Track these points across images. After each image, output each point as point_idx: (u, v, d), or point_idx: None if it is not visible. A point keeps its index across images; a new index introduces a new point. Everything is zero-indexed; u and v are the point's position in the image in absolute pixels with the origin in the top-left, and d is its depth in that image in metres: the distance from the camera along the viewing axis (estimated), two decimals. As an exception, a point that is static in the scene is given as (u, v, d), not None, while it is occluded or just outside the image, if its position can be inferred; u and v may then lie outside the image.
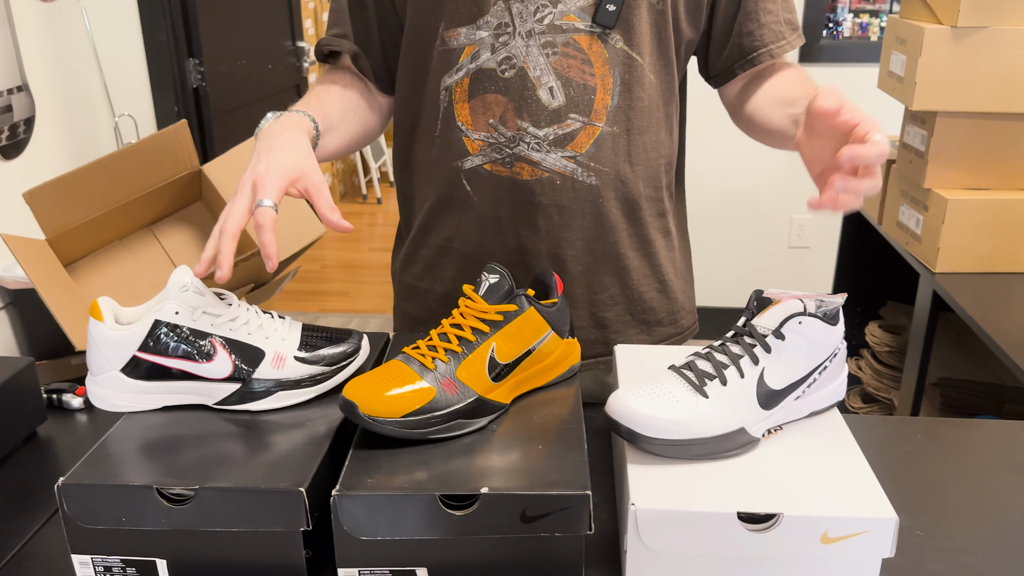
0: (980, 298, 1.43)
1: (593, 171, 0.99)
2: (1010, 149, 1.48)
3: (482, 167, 1.00)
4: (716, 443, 0.75)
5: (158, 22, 2.85)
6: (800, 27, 1.05)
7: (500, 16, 0.95)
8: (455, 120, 0.99)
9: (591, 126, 0.97)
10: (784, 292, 0.81)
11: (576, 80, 0.96)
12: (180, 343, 0.83)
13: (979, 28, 1.41)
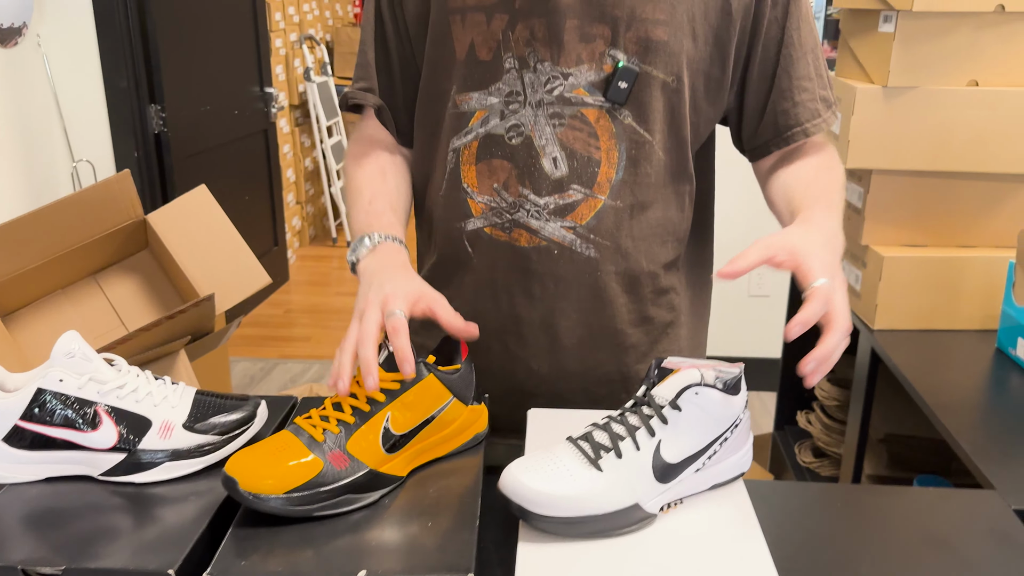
0: (917, 357, 1.42)
1: (592, 243, 0.97)
2: (945, 206, 1.49)
3: (483, 230, 0.99)
4: (610, 520, 0.73)
5: (119, 68, 2.85)
6: (835, 103, 1.03)
7: (512, 84, 0.94)
8: (461, 181, 0.99)
9: (593, 198, 0.96)
10: (684, 361, 0.80)
11: (580, 152, 0.95)
12: (64, 411, 0.80)
13: (910, 88, 1.42)
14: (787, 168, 1.01)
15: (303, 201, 4.68)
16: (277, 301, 4.04)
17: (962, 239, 1.52)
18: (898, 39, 1.39)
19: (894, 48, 1.39)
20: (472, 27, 0.94)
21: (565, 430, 0.85)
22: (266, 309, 3.91)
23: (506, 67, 0.94)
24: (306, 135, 4.72)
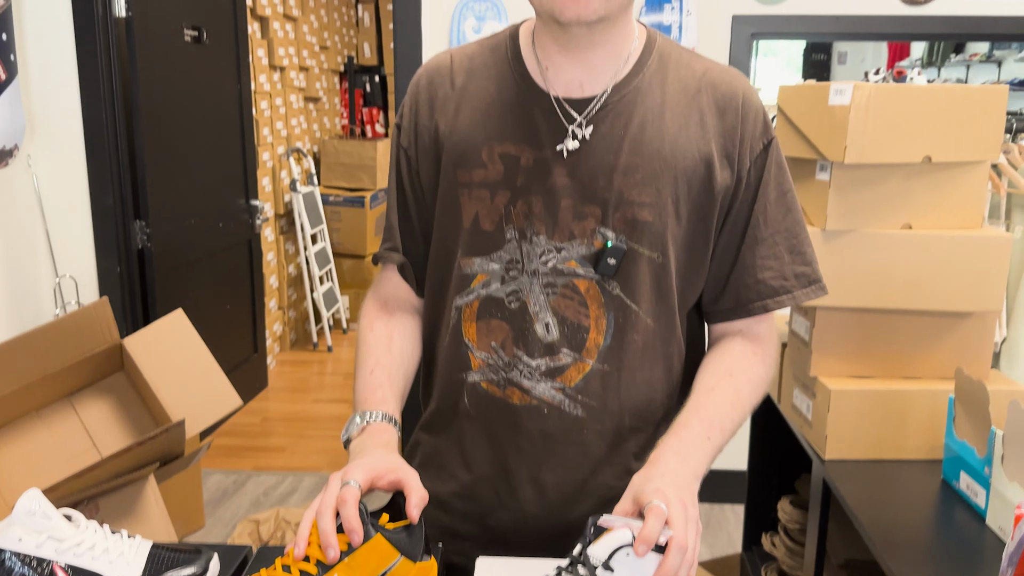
0: (866, 487, 1.46)
1: (580, 404, 1.03)
2: (887, 341, 1.56)
3: (480, 384, 1.05)
4: None
5: (106, 186, 2.95)
6: (817, 280, 1.06)
7: (512, 253, 1.01)
8: (462, 336, 1.05)
9: (582, 362, 1.02)
10: (618, 520, 0.84)
11: (571, 319, 1.01)
12: (22, 569, 0.83)
13: (847, 231, 1.51)
14: (711, 357, 1.06)
15: (285, 307, 4.74)
16: (254, 409, 4.04)
17: (906, 371, 1.58)
18: (833, 187, 1.49)
19: (830, 195, 1.49)
20: (478, 201, 1.02)
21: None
22: (242, 418, 3.91)
23: (507, 237, 1.01)
24: (290, 242, 4.82)
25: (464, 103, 1.04)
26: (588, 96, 1.00)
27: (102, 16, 2.87)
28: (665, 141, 0.99)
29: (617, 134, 0.99)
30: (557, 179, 0.99)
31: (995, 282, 1.49)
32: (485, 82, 1.04)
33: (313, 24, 5.15)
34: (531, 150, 1.00)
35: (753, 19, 2.73)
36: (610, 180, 0.98)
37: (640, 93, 1.00)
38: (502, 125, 1.01)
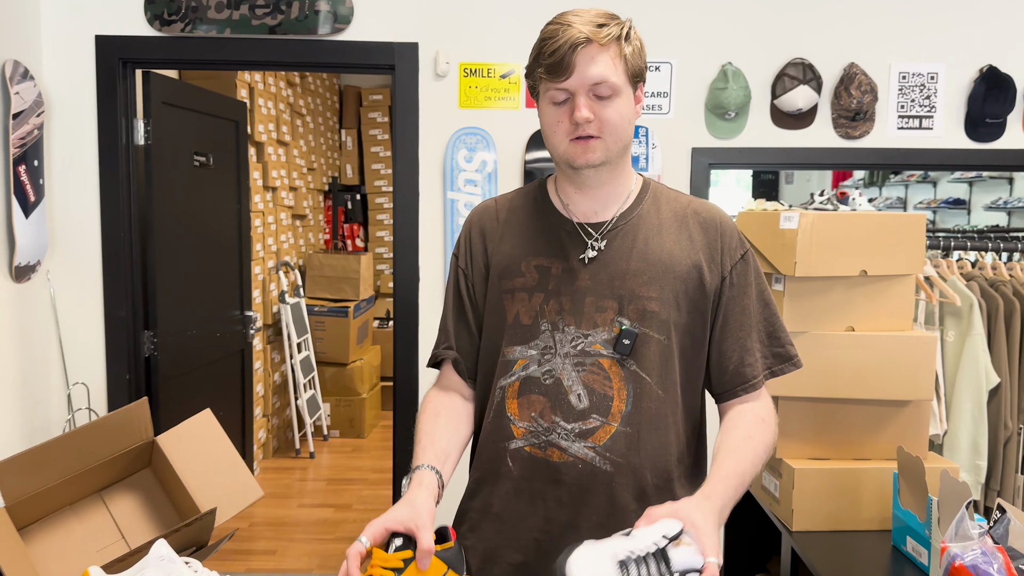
0: (829, 555, 1.69)
1: (608, 460, 1.27)
2: (839, 426, 1.82)
3: (523, 448, 1.29)
4: None
5: (120, 299, 3.16)
6: (794, 355, 1.34)
7: (546, 341, 1.29)
8: (506, 412, 1.30)
9: (608, 425, 1.27)
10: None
11: (598, 390, 1.27)
12: (155, 606, 1.03)
13: (800, 332, 1.80)
14: (730, 425, 1.31)
15: (269, 414, 4.88)
16: (241, 514, 4.12)
17: (857, 453, 1.84)
18: (787, 296, 1.79)
19: (784, 302, 1.79)
20: (519, 302, 1.30)
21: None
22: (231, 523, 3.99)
23: (542, 329, 1.29)
24: (277, 351, 5.01)
25: (507, 232, 1.33)
26: (601, 221, 1.30)
27: (124, 144, 3.16)
28: (664, 252, 1.28)
29: (627, 246, 1.28)
30: (581, 282, 1.27)
31: (925, 375, 1.78)
32: (521, 216, 1.34)
33: (302, 148, 5.52)
34: (560, 262, 1.28)
35: (710, 151, 3.11)
36: (624, 280, 1.26)
37: (641, 218, 1.30)
38: (536, 244, 1.30)
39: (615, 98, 1.23)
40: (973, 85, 3.09)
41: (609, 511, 1.28)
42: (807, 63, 3.05)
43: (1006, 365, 2.70)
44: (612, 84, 1.22)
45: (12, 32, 2.90)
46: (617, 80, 1.22)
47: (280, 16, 3.04)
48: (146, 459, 2.25)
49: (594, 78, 1.21)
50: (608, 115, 1.22)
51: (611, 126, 1.23)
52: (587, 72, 1.21)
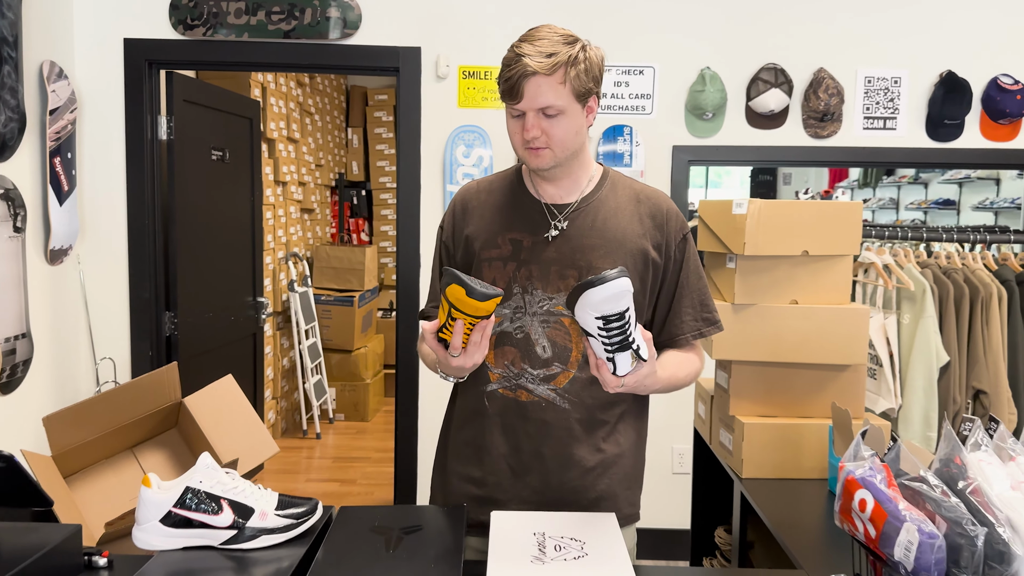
0: (772, 499, 1.94)
1: (567, 400, 1.54)
2: (785, 388, 2.07)
3: (497, 391, 1.56)
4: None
5: (144, 282, 3.42)
6: (718, 320, 1.62)
7: (518, 302, 1.55)
8: (484, 361, 1.55)
9: (567, 371, 1.54)
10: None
11: (560, 343, 1.54)
12: (200, 502, 1.28)
13: (749, 305, 2.05)
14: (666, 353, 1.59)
15: (278, 396, 5.15)
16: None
17: (801, 412, 2.09)
18: (738, 272, 2.04)
19: (736, 278, 2.04)
20: (494, 269, 1.56)
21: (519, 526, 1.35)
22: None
23: (514, 292, 1.55)
24: (286, 337, 5.27)
25: (487, 210, 1.59)
26: (566, 203, 1.55)
27: (150, 139, 3.43)
28: (618, 230, 1.54)
29: (587, 224, 1.54)
30: (548, 254, 1.53)
31: (859, 343, 2.03)
32: (499, 196, 1.60)
33: (311, 145, 5.78)
34: (530, 236, 1.54)
35: (689, 148, 3.37)
36: (583, 253, 1.52)
37: (600, 201, 1.56)
38: (511, 221, 1.56)
39: (560, 116, 1.47)
40: (933, 89, 3.33)
41: (566, 441, 1.54)
42: (779, 68, 3.30)
43: (955, 345, 2.94)
44: (557, 107, 1.45)
45: (48, 35, 3.17)
46: (561, 103, 1.46)
47: (294, 22, 3.30)
48: (173, 420, 2.52)
49: (540, 104, 1.45)
50: (554, 131, 1.47)
51: (557, 139, 1.48)
52: (535, 99, 1.45)
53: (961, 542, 1.23)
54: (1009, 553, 1.22)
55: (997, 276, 2.99)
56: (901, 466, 1.42)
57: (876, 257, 3.03)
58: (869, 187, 9.45)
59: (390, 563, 1.21)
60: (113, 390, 2.30)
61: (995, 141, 3.35)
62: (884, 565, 1.30)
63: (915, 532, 1.23)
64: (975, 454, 1.39)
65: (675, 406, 3.39)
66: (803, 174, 9.80)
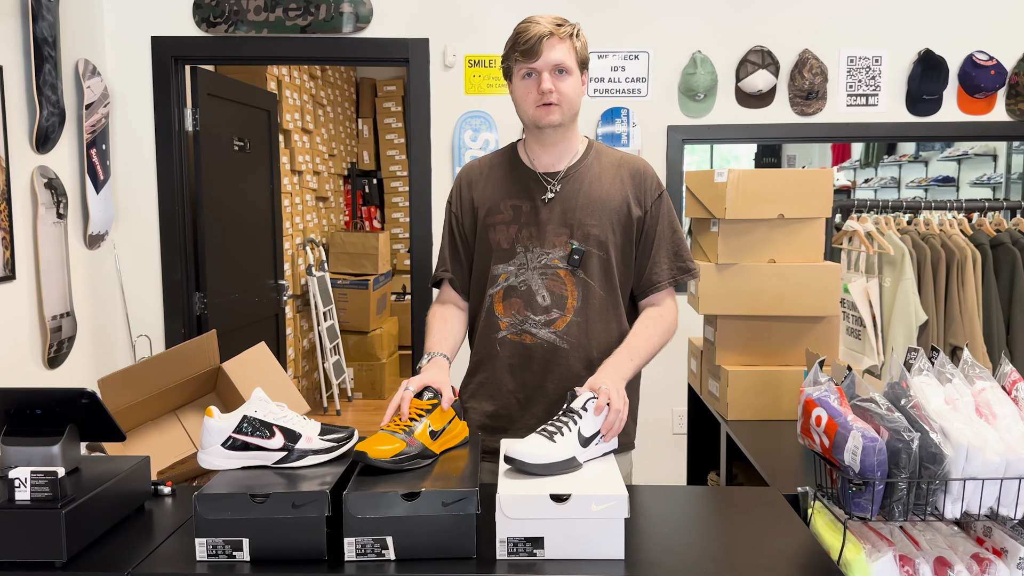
0: (753, 436, 2.16)
1: (566, 341, 1.77)
2: (765, 339, 2.29)
3: (506, 337, 1.80)
4: (559, 466, 1.45)
5: (175, 264, 3.67)
6: (693, 270, 1.83)
7: (521, 259, 1.79)
8: (494, 312, 1.80)
9: (564, 316, 1.77)
10: (581, 390, 1.56)
11: (557, 292, 1.77)
12: (255, 428, 1.52)
13: (732, 264, 2.27)
14: (637, 320, 1.81)
15: (299, 375, 5.40)
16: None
17: (780, 360, 2.31)
18: (720, 235, 2.26)
19: (719, 241, 2.26)
20: (499, 232, 1.80)
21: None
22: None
23: (517, 251, 1.79)
24: (305, 319, 5.52)
25: (488, 182, 1.82)
26: (557, 171, 1.78)
27: (177, 130, 3.67)
28: (603, 192, 1.77)
29: (575, 189, 1.77)
30: (544, 215, 1.76)
31: (831, 296, 2.25)
32: (499, 170, 1.83)
33: (324, 135, 6.01)
34: (528, 201, 1.77)
35: (683, 128, 3.58)
36: (574, 213, 1.75)
37: (587, 168, 1.79)
38: (511, 189, 1.79)
39: (569, 76, 1.72)
40: (912, 67, 3.54)
41: (566, 376, 1.77)
42: (766, 50, 3.51)
43: (933, 305, 3.15)
44: (567, 66, 1.71)
45: (82, 35, 3.41)
46: (571, 63, 1.72)
47: (310, 17, 3.53)
48: (212, 384, 2.76)
49: (555, 61, 1.70)
50: (564, 88, 1.72)
51: (566, 96, 1.72)
52: (550, 56, 1.70)
53: (899, 446, 1.45)
54: (940, 454, 1.45)
55: (972, 240, 3.20)
56: (856, 391, 1.65)
57: (859, 225, 3.24)
58: (871, 166, 9.62)
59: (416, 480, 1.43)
60: (159, 355, 2.55)
61: (971, 114, 3.55)
62: (837, 470, 1.52)
63: (859, 438, 1.45)
64: (918, 377, 1.61)
65: (674, 371, 3.62)
66: (807, 156, 9.96)
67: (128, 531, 1.51)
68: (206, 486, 1.41)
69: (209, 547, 1.37)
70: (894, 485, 1.46)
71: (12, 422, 1.50)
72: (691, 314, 2.61)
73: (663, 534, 1.50)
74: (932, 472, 1.46)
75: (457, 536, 1.36)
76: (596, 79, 3.58)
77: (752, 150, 9.47)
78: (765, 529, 1.54)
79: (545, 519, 1.36)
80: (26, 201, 3.02)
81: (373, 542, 1.35)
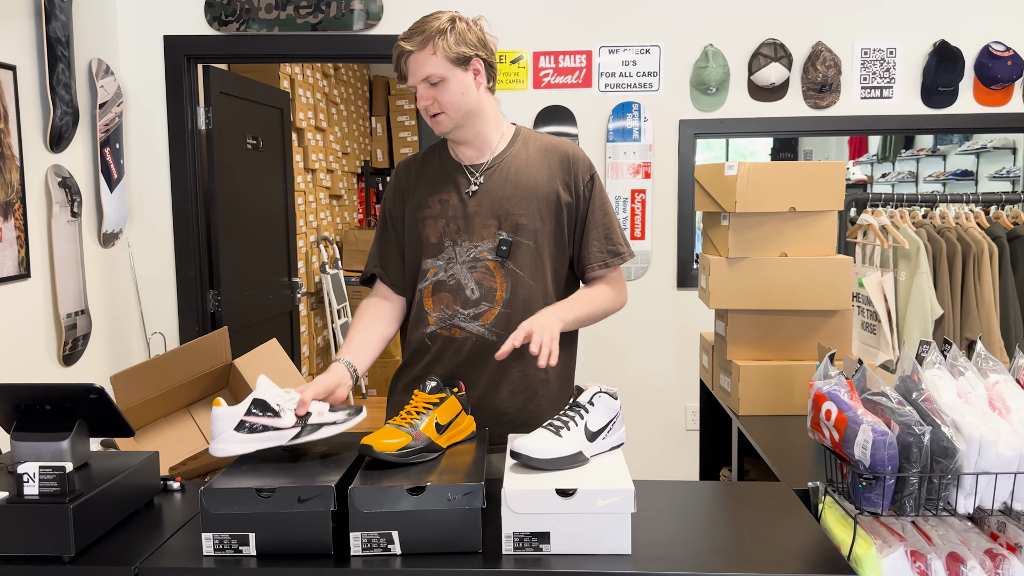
0: (765, 433, 2.14)
1: (495, 334, 1.76)
2: (776, 333, 2.27)
3: (436, 331, 1.78)
4: (565, 461, 1.44)
5: (189, 262, 3.69)
6: (624, 253, 1.83)
7: (449, 253, 1.78)
8: (423, 306, 1.80)
9: (493, 308, 1.76)
10: (589, 383, 1.55)
11: (486, 284, 1.76)
12: (266, 409, 1.51)
13: (742, 258, 2.25)
14: (586, 286, 1.83)
15: (314, 373, 5.42)
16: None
17: (792, 355, 2.29)
18: (731, 229, 2.24)
19: (729, 234, 2.24)
20: (428, 227, 1.79)
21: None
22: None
23: (445, 245, 1.79)
24: (319, 317, 5.54)
25: (420, 177, 1.84)
26: (481, 162, 1.80)
27: (190, 129, 3.68)
28: (530, 179, 1.78)
29: (502, 178, 1.77)
30: (470, 208, 1.77)
31: (843, 290, 2.23)
32: (429, 165, 1.85)
33: (337, 134, 6.03)
34: (454, 194, 1.79)
35: (695, 122, 3.56)
36: (501, 204, 1.76)
37: (512, 156, 1.80)
38: (438, 184, 1.81)
39: (443, 83, 1.70)
40: (927, 58, 3.49)
41: (497, 369, 1.77)
42: (778, 42, 3.48)
43: (948, 299, 3.12)
44: (436, 74, 1.69)
45: (95, 35, 3.43)
46: (439, 71, 1.69)
47: (321, 15, 3.54)
48: (224, 381, 2.77)
49: (420, 76, 1.70)
50: (441, 96, 1.71)
51: (447, 103, 1.71)
52: (416, 73, 1.70)
53: (911, 440, 1.43)
54: (952, 448, 1.43)
55: (989, 233, 3.16)
56: (867, 384, 1.63)
57: (873, 219, 3.21)
58: (888, 161, 9.53)
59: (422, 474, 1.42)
60: (172, 352, 2.56)
61: (988, 106, 3.50)
62: (847, 465, 1.51)
63: (870, 432, 1.43)
64: (930, 371, 1.59)
65: (686, 366, 3.60)
66: (823, 150, 9.89)
67: (136, 526, 1.52)
68: (212, 481, 1.41)
69: (216, 542, 1.38)
70: (905, 480, 1.44)
71: (22, 417, 1.51)
72: (702, 309, 2.59)
73: (671, 528, 1.49)
74: (944, 466, 1.44)
75: (463, 530, 1.36)
76: (607, 74, 3.56)
77: (768, 145, 9.43)
78: (775, 524, 1.52)
79: (551, 514, 1.35)
80: (40, 200, 3.04)
81: (379, 536, 1.35)
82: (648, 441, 3.68)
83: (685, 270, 3.66)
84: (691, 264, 3.70)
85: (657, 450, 3.72)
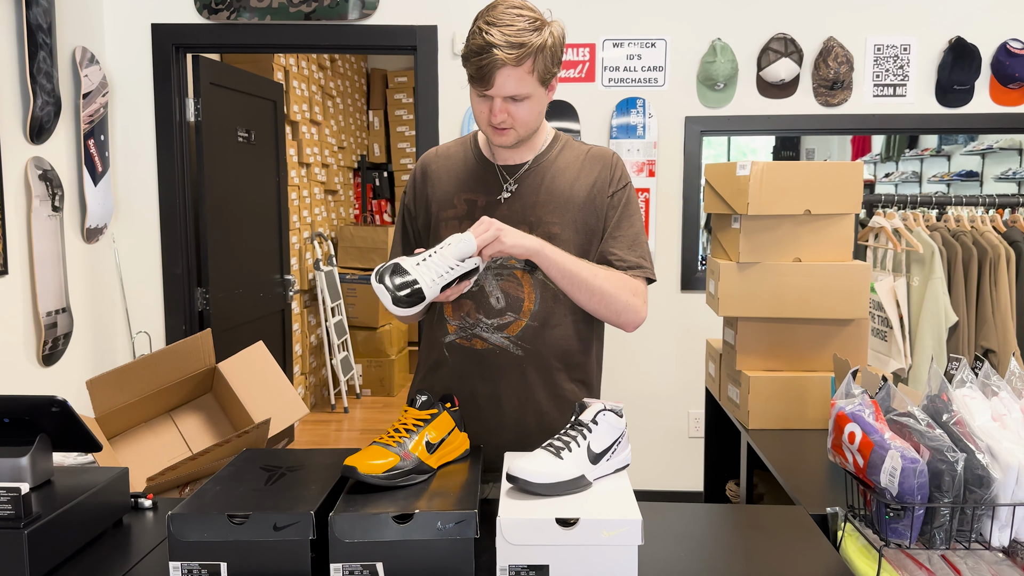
0: (776, 448, 2.03)
1: (520, 347, 1.63)
2: (789, 343, 2.15)
3: (455, 341, 1.66)
4: (566, 486, 1.32)
5: (176, 258, 3.56)
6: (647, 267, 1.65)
7: None
8: (443, 314, 1.67)
9: (520, 320, 1.63)
10: (592, 400, 1.43)
11: (512, 294, 1.63)
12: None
13: (754, 263, 2.13)
14: None
15: (307, 372, 5.30)
16: (284, 459, 4.54)
17: (805, 366, 2.17)
18: (742, 232, 2.12)
19: (741, 237, 2.12)
20: (451, 228, 1.65)
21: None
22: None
23: None
24: (312, 315, 5.42)
25: (443, 173, 1.70)
26: (518, 164, 1.66)
27: (178, 121, 3.56)
28: (566, 187, 1.64)
29: (537, 183, 1.64)
30: (501, 211, 1.63)
31: (860, 298, 2.11)
32: (456, 161, 1.71)
33: (333, 127, 5.90)
34: (484, 196, 1.65)
35: (701, 119, 3.43)
36: (534, 210, 1.62)
37: (550, 162, 1.67)
38: (466, 183, 1.67)
39: (526, 100, 1.55)
40: (942, 55, 3.37)
41: (522, 386, 1.64)
42: (789, 37, 3.36)
43: (963, 305, 3.00)
44: (523, 94, 1.54)
45: (79, 22, 3.30)
46: (528, 90, 1.54)
47: (314, 4, 3.41)
48: (208, 385, 2.65)
49: (508, 92, 1.53)
50: (519, 113, 1.56)
51: (521, 121, 1.57)
52: (504, 86, 1.52)
53: (942, 467, 1.31)
54: (988, 477, 1.31)
55: (1005, 238, 3.04)
56: (892, 404, 1.51)
57: (886, 221, 3.09)
58: (892, 160, 9.41)
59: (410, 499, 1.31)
60: (151, 355, 2.44)
61: (1005, 105, 3.38)
62: (872, 492, 1.39)
63: (898, 459, 1.31)
64: (960, 390, 1.47)
65: (690, 371, 3.48)
66: (826, 149, 9.77)
67: (102, 550, 1.40)
68: (181, 505, 1.29)
69: (184, 571, 1.26)
70: (935, 510, 1.33)
71: (-23, 432, 1.39)
72: (707, 312, 2.47)
73: (681, 560, 1.37)
74: (978, 496, 1.32)
75: (454, 562, 1.25)
76: (611, 68, 3.44)
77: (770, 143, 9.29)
78: (792, 553, 1.41)
79: (551, 545, 1.24)
80: (19, 194, 2.92)
81: (362, 568, 1.24)
82: (649, 447, 3.57)
83: (689, 272, 3.55)
84: (695, 266, 3.58)
85: (659, 457, 3.60)
